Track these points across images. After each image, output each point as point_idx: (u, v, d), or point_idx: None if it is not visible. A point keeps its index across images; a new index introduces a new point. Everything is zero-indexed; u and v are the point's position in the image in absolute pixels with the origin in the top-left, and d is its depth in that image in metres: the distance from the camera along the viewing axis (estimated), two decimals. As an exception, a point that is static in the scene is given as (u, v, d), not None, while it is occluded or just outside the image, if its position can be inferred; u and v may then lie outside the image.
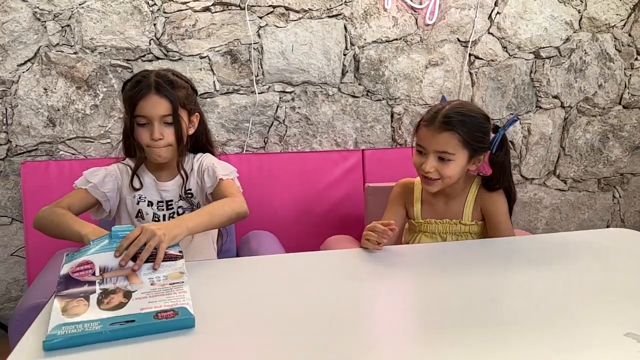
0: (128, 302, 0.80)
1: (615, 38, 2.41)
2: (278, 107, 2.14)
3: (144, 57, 1.99)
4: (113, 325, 0.74)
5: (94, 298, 0.81)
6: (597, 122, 2.49)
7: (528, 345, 0.72)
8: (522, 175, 2.46)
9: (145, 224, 0.98)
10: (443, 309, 0.85)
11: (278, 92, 2.13)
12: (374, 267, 1.07)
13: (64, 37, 1.92)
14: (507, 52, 2.31)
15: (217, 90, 2.08)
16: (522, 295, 0.91)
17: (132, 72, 1.95)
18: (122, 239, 0.95)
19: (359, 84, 2.20)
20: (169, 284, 0.86)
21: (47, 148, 1.98)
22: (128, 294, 0.83)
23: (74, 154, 2.01)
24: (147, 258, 0.93)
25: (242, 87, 2.09)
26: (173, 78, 1.32)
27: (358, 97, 2.21)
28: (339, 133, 2.22)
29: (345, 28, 2.14)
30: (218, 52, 2.04)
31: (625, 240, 1.25)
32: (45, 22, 1.90)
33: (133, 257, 0.93)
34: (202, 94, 2.06)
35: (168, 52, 2.00)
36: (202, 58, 2.04)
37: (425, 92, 2.25)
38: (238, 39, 2.05)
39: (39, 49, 1.91)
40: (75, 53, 1.94)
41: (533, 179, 2.48)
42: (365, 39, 2.16)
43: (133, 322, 0.75)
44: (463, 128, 1.22)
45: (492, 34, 2.28)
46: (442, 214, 1.36)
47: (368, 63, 2.18)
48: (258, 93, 2.10)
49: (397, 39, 2.19)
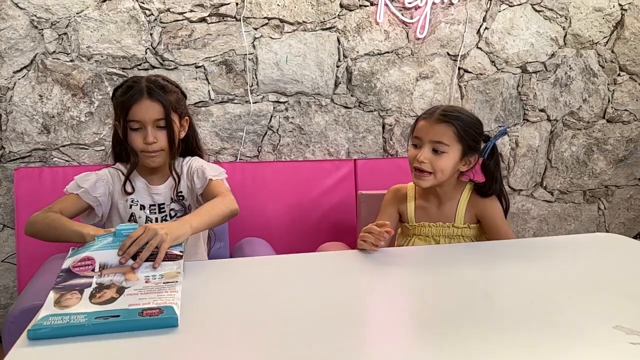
0: (119, 297, 0.81)
1: (599, 54, 2.49)
2: (272, 116, 2.17)
3: (140, 65, 2.01)
4: (97, 319, 0.74)
5: (88, 292, 0.82)
6: (582, 135, 2.55)
7: (522, 339, 0.75)
8: (510, 187, 2.51)
9: (149, 224, 0.99)
10: (438, 307, 0.87)
11: (272, 102, 2.16)
12: (370, 267, 1.09)
13: (61, 44, 1.94)
14: (495, 66, 2.37)
15: (211, 100, 2.10)
16: (515, 293, 0.94)
17: (127, 80, 1.98)
18: (125, 238, 0.96)
19: (352, 95, 2.24)
20: (163, 283, 0.87)
21: (40, 155, 1.99)
22: (121, 290, 0.84)
23: (68, 161, 2.01)
24: (152, 256, 0.94)
25: (236, 96, 2.12)
26: (164, 83, 1.35)
27: (350, 108, 2.25)
28: (332, 143, 2.25)
29: (339, 40, 2.19)
30: (213, 62, 2.08)
31: (612, 243, 1.30)
32: (43, 29, 1.92)
33: (134, 255, 0.94)
34: (196, 103, 2.09)
35: (164, 61, 2.03)
36: (197, 67, 2.07)
37: (416, 104, 2.30)
38: (233, 50, 2.08)
39: (36, 56, 1.93)
40: (72, 61, 1.96)
41: (521, 190, 2.53)
42: (358, 52, 2.21)
43: (118, 317, 0.75)
44: (459, 122, 1.29)
45: (480, 49, 2.34)
46: (435, 217, 1.39)
47: (360, 75, 2.23)
48: (252, 103, 2.13)
49: (388, 52, 2.24)
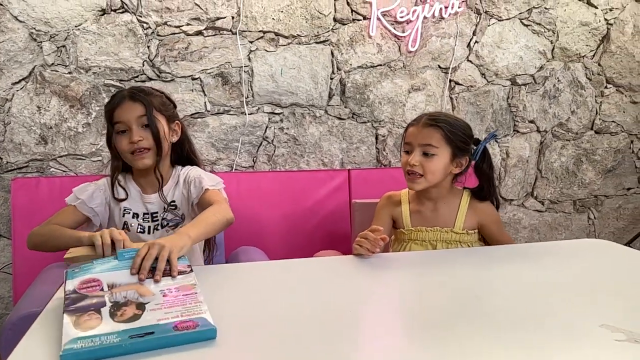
0: (143, 313, 0.79)
1: (586, 67, 2.56)
2: (267, 127, 2.21)
3: (137, 77, 2.04)
4: (133, 338, 0.72)
5: (106, 311, 0.80)
6: (571, 146, 2.61)
7: (514, 338, 0.78)
8: (501, 196, 2.55)
9: (150, 241, 0.99)
10: (434, 310, 0.90)
11: (267, 113, 2.20)
12: (367, 271, 1.12)
13: (59, 57, 1.97)
14: (485, 78, 2.43)
15: (208, 111, 2.14)
16: (508, 296, 0.97)
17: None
18: (129, 260, 0.95)
19: (345, 107, 2.28)
20: (182, 295, 0.86)
21: (38, 165, 2.00)
22: (141, 306, 0.81)
23: (65, 171, 2.03)
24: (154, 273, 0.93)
25: (232, 108, 2.16)
26: (146, 88, 1.42)
27: (344, 119, 2.29)
28: (326, 153, 2.29)
29: (332, 53, 2.24)
30: (210, 74, 2.11)
31: (600, 248, 1.34)
32: (42, 42, 1.95)
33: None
34: (193, 114, 2.12)
35: (161, 73, 2.06)
36: (194, 79, 2.10)
37: (408, 115, 2.35)
38: (229, 62, 2.12)
39: (34, 69, 1.96)
40: (70, 73, 1.99)
41: (512, 200, 2.57)
42: (351, 64, 2.26)
43: (152, 333, 0.74)
44: (446, 125, 1.34)
45: (471, 62, 2.40)
46: (431, 222, 1.42)
47: (354, 87, 2.28)
48: (248, 114, 2.17)
49: (381, 65, 2.29)
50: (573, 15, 2.48)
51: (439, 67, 2.36)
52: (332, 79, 2.26)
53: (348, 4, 2.21)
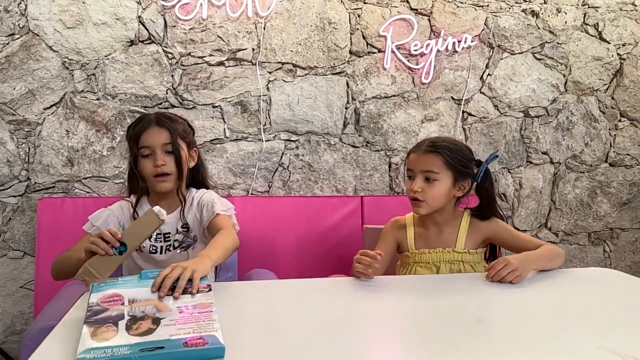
0: (157, 328, 0.82)
1: (599, 100, 2.58)
2: (283, 154, 2.28)
3: (161, 104, 2.15)
4: (142, 351, 0.75)
5: (123, 324, 0.83)
6: (585, 178, 2.61)
7: (516, 356, 0.81)
8: (514, 227, 2.55)
9: (174, 264, 1.02)
10: (436, 330, 0.93)
11: (283, 140, 2.28)
12: (382, 294, 1.15)
13: (89, 84, 2.09)
14: (498, 110, 2.47)
15: (227, 137, 2.22)
16: (510, 318, 1.00)
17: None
18: (151, 279, 0.99)
19: (359, 135, 2.35)
20: (198, 313, 0.88)
21: (63, 186, 2.10)
22: (156, 321, 0.84)
23: (89, 192, 2.12)
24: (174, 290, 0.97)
25: (250, 134, 2.24)
26: (171, 115, 1.51)
27: (358, 147, 2.35)
28: (340, 180, 2.34)
29: (347, 84, 2.32)
30: (229, 102, 2.21)
31: (604, 277, 1.36)
32: (73, 70, 2.07)
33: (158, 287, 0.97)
34: (212, 140, 2.21)
35: (183, 100, 2.16)
36: (214, 107, 2.20)
37: (422, 144, 2.39)
38: (248, 91, 2.22)
39: (65, 95, 2.07)
40: (98, 99, 2.10)
41: (525, 231, 2.57)
42: (366, 95, 2.33)
43: (162, 348, 0.76)
44: (446, 151, 1.37)
45: (483, 93, 2.45)
46: (434, 244, 1.44)
47: (368, 116, 2.34)
48: (265, 141, 2.25)
49: (395, 95, 2.36)
50: (585, 50, 2.52)
51: (452, 98, 2.42)
52: (347, 109, 2.33)
53: (364, 38, 2.30)
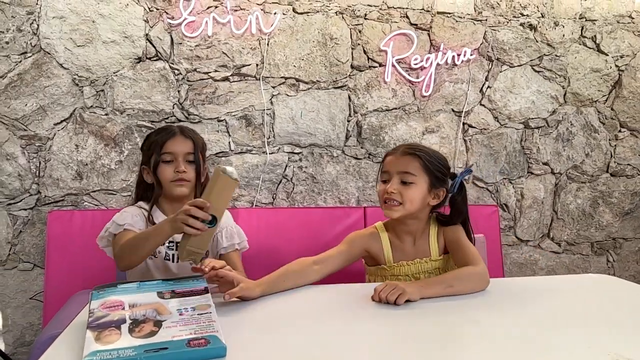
0: (159, 330, 0.85)
1: (599, 112, 2.62)
2: (287, 166, 2.33)
3: (167, 119, 2.21)
4: (147, 352, 0.77)
5: (125, 327, 0.86)
6: (586, 188, 2.63)
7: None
8: (517, 237, 2.57)
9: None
10: (438, 337, 0.95)
11: (287, 152, 2.32)
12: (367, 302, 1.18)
13: (98, 100, 2.16)
14: (498, 121, 2.51)
15: (231, 150, 2.27)
16: (516, 325, 1.01)
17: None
18: (149, 286, 1.03)
19: (361, 147, 2.39)
20: (197, 314, 0.91)
21: (73, 199, 2.15)
22: (158, 323, 0.87)
23: (97, 205, 2.17)
24: (179, 293, 1.01)
25: (254, 147, 2.29)
26: (193, 129, 1.58)
27: (360, 159, 2.39)
28: (343, 191, 2.38)
29: (349, 98, 2.37)
30: (234, 116, 2.26)
31: (603, 283, 1.38)
32: (83, 87, 2.14)
33: (159, 292, 1.01)
34: (217, 153, 2.26)
35: (189, 115, 2.22)
36: (219, 121, 2.25)
37: (423, 156, 2.43)
38: (253, 105, 2.27)
39: (75, 110, 2.14)
40: (107, 114, 2.16)
41: (528, 241, 2.59)
42: (367, 108, 2.38)
43: (166, 349, 0.79)
44: (424, 154, 1.37)
45: (483, 105, 2.49)
46: (412, 255, 1.41)
47: (369, 129, 2.39)
48: (269, 153, 2.29)
49: (396, 108, 2.41)
50: (584, 62, 2.57)
51: (453, 110, 2.46)
52: (349, 121, 2.38)
53: (365, 52, 2.36)
